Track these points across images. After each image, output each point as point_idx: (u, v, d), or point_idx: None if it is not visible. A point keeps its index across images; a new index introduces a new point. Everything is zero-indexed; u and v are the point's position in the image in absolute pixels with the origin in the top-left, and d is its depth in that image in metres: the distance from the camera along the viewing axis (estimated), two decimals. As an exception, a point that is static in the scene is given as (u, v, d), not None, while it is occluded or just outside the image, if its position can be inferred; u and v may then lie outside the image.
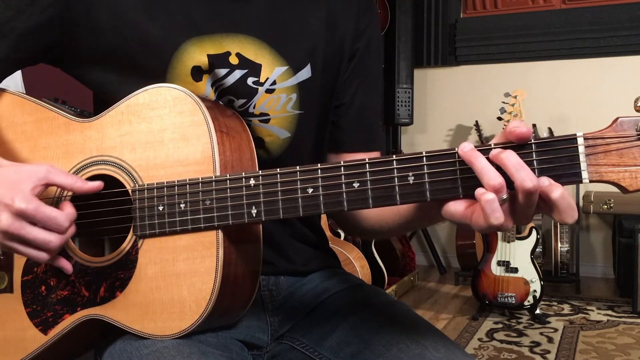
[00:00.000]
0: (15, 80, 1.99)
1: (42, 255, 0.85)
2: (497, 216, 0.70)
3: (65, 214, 0.85)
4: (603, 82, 4.03)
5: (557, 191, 0.69)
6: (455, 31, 4.42)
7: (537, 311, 3.19)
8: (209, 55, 0.94)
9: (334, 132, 1.09)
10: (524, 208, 0.71)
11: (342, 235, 3.28)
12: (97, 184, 0.88)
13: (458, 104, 4.45)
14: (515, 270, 3.16)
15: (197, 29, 0.95)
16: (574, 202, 0.70)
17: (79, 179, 0.87)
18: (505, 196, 0.70)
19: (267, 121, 0.99)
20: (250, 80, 0.96)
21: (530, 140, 0.72)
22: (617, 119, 0.70)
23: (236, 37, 0.96)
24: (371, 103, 1.10)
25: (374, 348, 0.93)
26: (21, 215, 0.81)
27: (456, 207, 0.76)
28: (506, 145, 0.73)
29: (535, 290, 3.13)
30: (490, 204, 0.70)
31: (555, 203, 0.69)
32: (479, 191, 0.71)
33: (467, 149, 0.72)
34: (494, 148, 0.73)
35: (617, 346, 2.81)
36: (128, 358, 0.87)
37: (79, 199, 0.91)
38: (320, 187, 0.79)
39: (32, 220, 0.82)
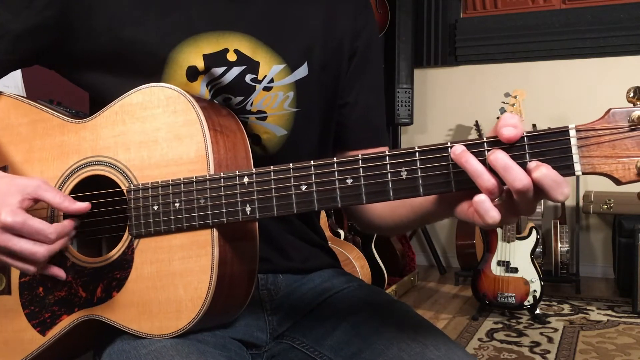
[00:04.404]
0: (15, 81, 1.99)
1: (30, 267, 0.86)
2: (492, 215, 0.70)
3: (54, 226, 0.85)
4: (603, 82, 4.03)
5: (540, 171, 0.68)
6: (455, 31, 4.42)
7: (537, 311, 3.19)
8: (204, 56, 0.94)
9: (340, 131, 1.09)
10: (522, 203, 0.71)
11: (342, 235, 3.28)
12: (85, 206, 0.88)
13: (458, 104, 4.46)
14: (515, 270, 3.15)
15: (193, 28, 0.95)
16: (561, 178, 0.68)
17: (68, 198, 0.88)
18: (502, 195, 0.71)
19: (264, 119, 0.99)
20: (248, 78, 0.96)
21: (523, 134, 0.71)
22: (609, 110, 0.69)
23: (233, 35, 0.96)
24: (375, 100, 1.11)
25: (375, 347, 0.93)
26: (7, 229, 0.82)
27: (462, 207, 0.77)
28: (498, 139, 0.73)
29: (535, 290, 3.12)
30: (481, 205, 0.70)
31: (538, 183, 0.68)
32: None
33: (458, 151, 0.72)
34: (486, 142, 0.72)
35: (617, 346, 2.80)
36: (127, 358, 0.87)
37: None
38: (314, 184, 0.79)
39: (19, 233, 0.83)
